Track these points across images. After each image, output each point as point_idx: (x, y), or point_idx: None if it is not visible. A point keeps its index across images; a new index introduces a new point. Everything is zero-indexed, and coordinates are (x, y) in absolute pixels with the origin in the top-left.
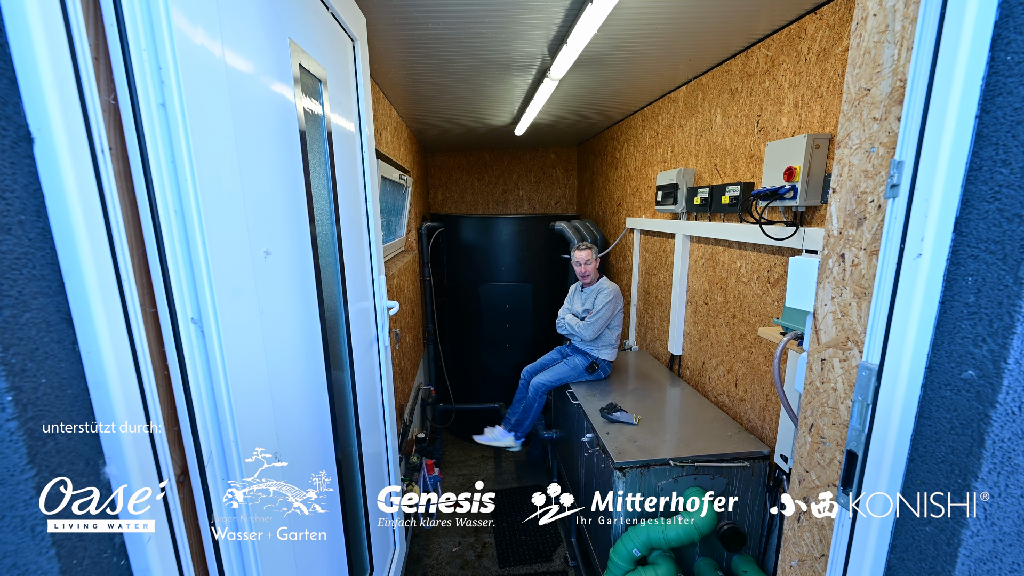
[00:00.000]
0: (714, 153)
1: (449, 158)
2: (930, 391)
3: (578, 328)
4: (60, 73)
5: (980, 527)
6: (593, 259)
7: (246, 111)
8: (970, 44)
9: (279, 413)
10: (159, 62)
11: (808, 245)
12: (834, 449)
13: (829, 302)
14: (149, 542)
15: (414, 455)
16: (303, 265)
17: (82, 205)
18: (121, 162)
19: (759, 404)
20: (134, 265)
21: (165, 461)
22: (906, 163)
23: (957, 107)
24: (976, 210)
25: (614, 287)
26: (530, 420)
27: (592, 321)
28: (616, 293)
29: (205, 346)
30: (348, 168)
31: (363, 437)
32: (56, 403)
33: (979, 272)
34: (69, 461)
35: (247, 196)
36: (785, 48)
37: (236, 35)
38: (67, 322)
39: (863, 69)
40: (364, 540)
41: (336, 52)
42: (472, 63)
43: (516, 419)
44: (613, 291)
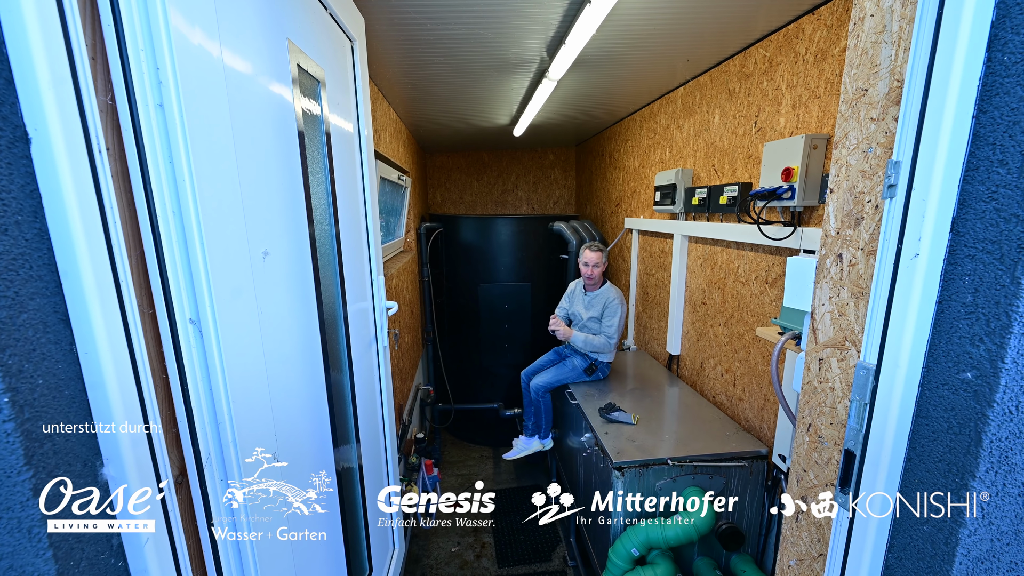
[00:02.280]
0: (712, 153)
1: (448, 158)
2: (927, 391)
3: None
4: (57, 73)
5: (978, 526)
6: (602, 262)
7: (244, 112)
8: (967, 45)
9: (278, 414)
10: (157, 62)
11: (806, 245)
12: (832, 448)
13: (827, 302)
14: (147, 543)
15: (413, 455)
16: (302, 266)
17: (79, 206)
18: (119, 163)
19: (757, 404)
20: (132, 266)
21: (163, 462)
22: (903, 163)
23: (954, 107)
24: (973, 210)
25: (618, 293)
26: (545, 418)
27: (611, 336)
28: (620, 298)
29: (203, 347)
30: (347, 169)
31: (362, 437)
32: (53, 404)
33: (976, 272)
34: (67, 462)
35: (245, 197)
36: (783, 49)
37: (234, 35)
38: (64, 323)
39: (860, 70)
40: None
41: (334, 53)
42: (471, 64)
43: (533, 422)
44: (618, 298)
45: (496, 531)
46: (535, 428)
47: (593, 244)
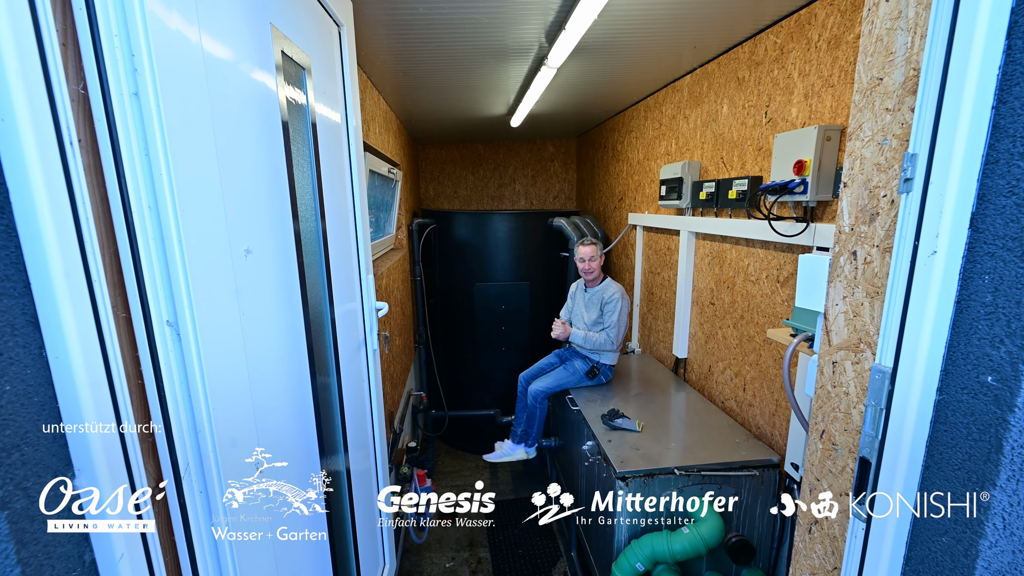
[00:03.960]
0: (721, 145)
1: (441, 151)
2: (946, 395)
3: (599, 340)
4: (25, 61)
5: (999, 537)
6: (598, 255)
7: (225, 101)
8: (986, 31)
9: (260, 423)
10: (132, 49)
11: (819, 242)
12: (846, 456)
13: (841, 302)
14: (121, 559)
15: (405, 465)
16: (286, 264)
17: (49, 201)
18: (91, 155)
19: (768, 409)
20: (105, 264)
21: (139, 471)
22: (920, 156)
23: (973, 97)
24: (993, 205)
25: (619, 287)
26: (537, 427)
27: (612, 331)
28: (621, 293)
29: (182, 351)
30: (334, 161)
31: (350, 447)
32: (22, 411)
33: (996, 270)
34: (35, 473)
35: (226, 191)
36: (794, 35)
37: (214, 20)
38: (33, 325)
39: (875, 57)
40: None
41: (321, 38)
42: (465, 50)
43: (523, 429)
44: (619, 292)
45: (493, 545)
46: (523, 436)
47: (585, 239)
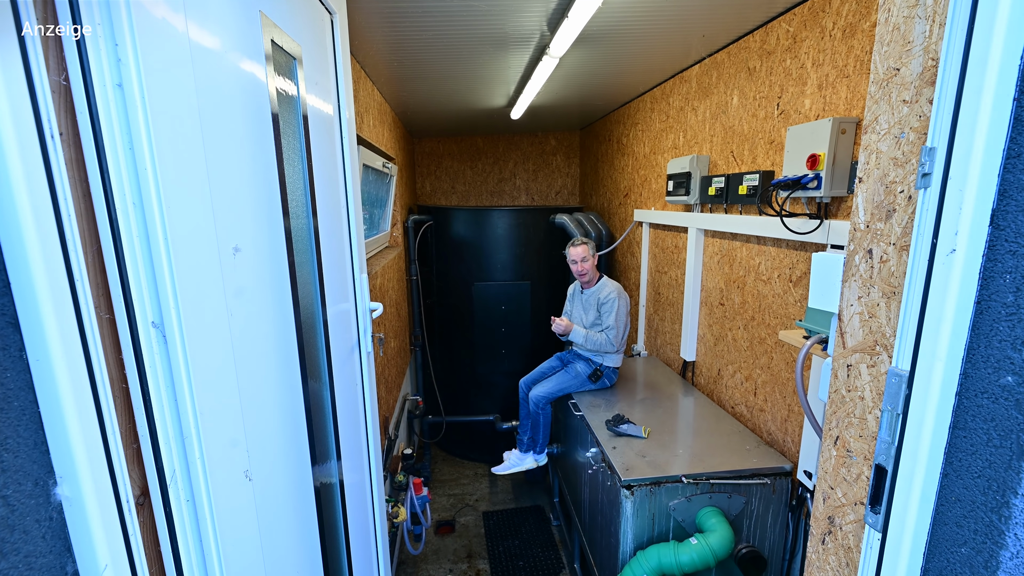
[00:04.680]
0: (730, 138)
1: (438, 144)
2: (965, 399)
3: (599, 340)
4: (4, 50)
5: (1020, 548)
6: (590, 256)
7: (213, 92)
8: (1007, 20)
9: (250, 428)
10: (115, 38)
11: (833, 240)
12: (861, 464)
13: (856, 302)
14: (105, 570)
15: (400, 473)
16: (276, 263)
17: (29, 196)
18: (73, 149)
19: (780, 415)
20: (88, 263)
21: (123, 479)
22: (938, 150)
23: (994, 89)
24: (1014, 201)
25: (616, 286)
26: (543, 432)
27: (612, 336)
28: (619, 291)
29: (168, 353)
30: (326, 155)
31: (343, 454)
32: (1, 416)
33: (1018, 269)
34: (16, 480)
35: (214, 187)
36: (808, 23)
37: (202, 8)
38: (13, 326)
39: (892, 47)
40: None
41: (312, 27)
42: (463, 38)
43: (529, 436)
44: (615, 291)
45: (492, 557)
46: (531, 443)
47: (576, 240)
